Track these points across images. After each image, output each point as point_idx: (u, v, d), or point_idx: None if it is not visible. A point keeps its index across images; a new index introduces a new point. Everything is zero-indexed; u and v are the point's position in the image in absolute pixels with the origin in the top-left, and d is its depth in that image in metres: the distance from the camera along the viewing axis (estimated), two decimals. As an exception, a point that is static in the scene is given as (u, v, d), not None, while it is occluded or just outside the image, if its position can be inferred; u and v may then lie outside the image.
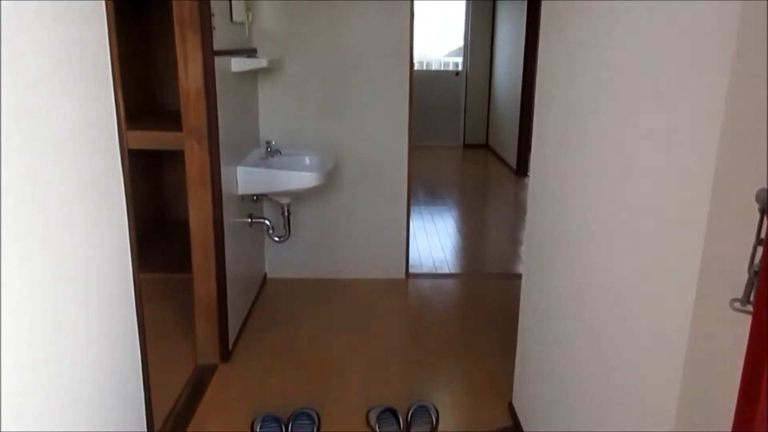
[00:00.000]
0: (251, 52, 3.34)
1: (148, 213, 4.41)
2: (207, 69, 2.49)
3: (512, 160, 7.28)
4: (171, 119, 2.98)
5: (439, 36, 8.86)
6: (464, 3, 8.50)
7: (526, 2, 6.63)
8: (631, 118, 1.40)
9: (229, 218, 2.85)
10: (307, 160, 3.38)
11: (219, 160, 2.63)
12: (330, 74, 3.59)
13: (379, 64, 3.58)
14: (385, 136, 3.68)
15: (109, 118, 1.57)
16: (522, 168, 6.98)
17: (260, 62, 2.95)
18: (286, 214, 3.38)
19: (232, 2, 2.91)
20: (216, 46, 2.61)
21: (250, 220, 3.29)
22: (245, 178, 3.00)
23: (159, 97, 4.34)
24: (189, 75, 2.47)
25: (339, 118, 3.65)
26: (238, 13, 3.06)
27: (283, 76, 3.57)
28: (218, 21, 2.68)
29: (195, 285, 2.72)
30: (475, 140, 8.82)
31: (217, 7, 2.65)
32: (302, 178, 3.03)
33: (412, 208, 3.98)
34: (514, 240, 4.99)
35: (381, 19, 3.53)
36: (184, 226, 2.71)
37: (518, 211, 5.89)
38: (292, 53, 3.54)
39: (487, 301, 3.71)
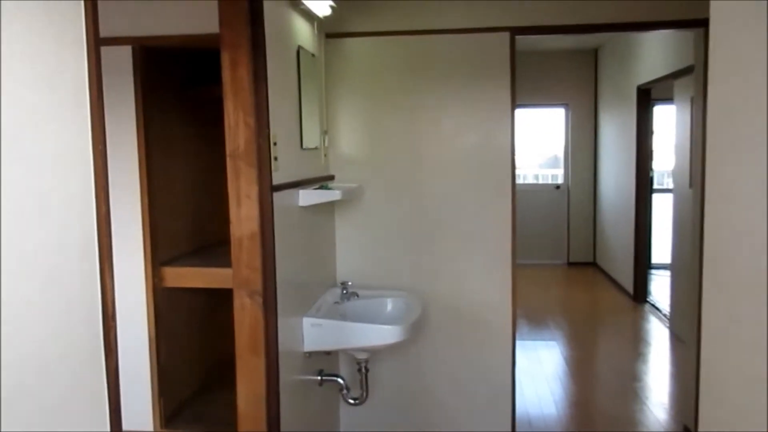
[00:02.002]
0: (326, 181, 2.91)
1: (207, 357, 3.94)
2: (263, 209, 2.03)
3: (626, 282, 6.37)
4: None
5: (532, 146, 8.35)
6: (562, 111, 8.01)
7: (635, 105, 6.01)
8: None
9: (292, 377, 2.29)
10: (389, 305, 2.81)
11: (276, 318, 2.11)
12: (417, 201, 3.08)
13: (476, 185, 3.04)
14: (483, 270, 3.07)
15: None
16: (640, 293, 6.06)
17: (333, 194, 2.49)
18: (363, 371, 2.77)
19: (303, 126, 2.52)
20: (279, 179, 2.17)
21: (320, 378, 2.71)
22: (312, 332, 2.46)
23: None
24: (242, 216, 2.02)
25: (427, 251, 3.09)
26: (311, 137, 2.65)
27: (363, 205, 3.11)
28: (284, 149, 2.26)
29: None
30: (581, 258, 7.98)
31: (282, 134, 2.24)
32: (382, 333, 2.44)
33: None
34: (633, 379, 4.07)
35: (477, 133, 3.03)
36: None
37: (637, 344, 4.96)
38: (374, 179, 3.09)
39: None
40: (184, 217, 3.43)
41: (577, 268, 7.87)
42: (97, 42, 1.06)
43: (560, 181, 8.16)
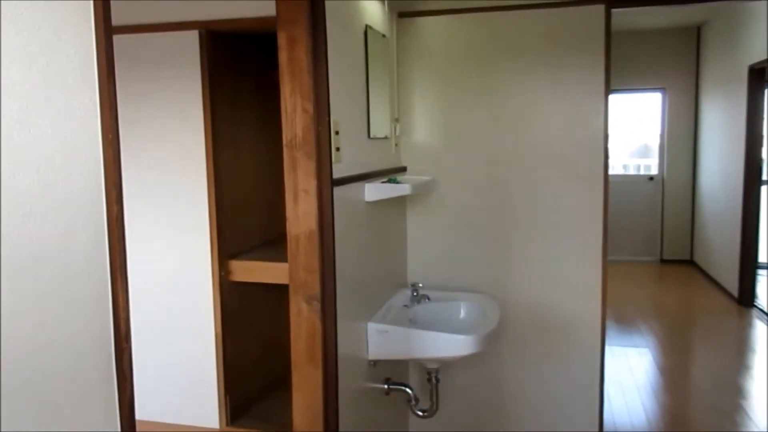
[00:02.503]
0: (397, 173, 2.68)
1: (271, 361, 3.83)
2: (323, 205, 1.83)
3: (730, 283, 5.79)
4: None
5: (620, 135, 7.76)
6: (658, 96, 7.38)
7: (745, 87, 5.39)
8: None
9: (354, 386, 2.11)
10: (463, 311, 2.56)
11: (335, 325, 1.92)
12: (496, 194, 2.80)
13: (563, 177, 2.73)
14: (570, 271, 2.76)
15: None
16: (746, 295, 5.48)
17: (401, 189, 2.25)
18: (433, 381, 2.54)
19: (371, 113, 2.30)
20: (341, 172, 1.97)
21: (386, 386, 2.50)
22: (378, 339, 2.25)
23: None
24: (299, 213, 1.83)
25: (507, 250, 2.81)
26: (380, 126, 2.44)
27: (437, 199, 2.86)
28: (348, 138, 2.06)
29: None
30: (676, 255, 7.36)
31: (347, 122, 2.03)
32: (454, 344, 2.19)
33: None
34: (738, 395, 3.62)
35: (565, 120, 2.71)
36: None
37: (742, 353, 4.45)
38: (450, 171, 2.83)
39: None
40: (253, 209, 3.31)
41: (672, 266, 7.27)
42: (106, 13, 0.89)
43: (654, 171, 7.55)
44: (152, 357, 3.02)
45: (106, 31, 0.88)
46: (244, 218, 3.19)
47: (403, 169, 2.83)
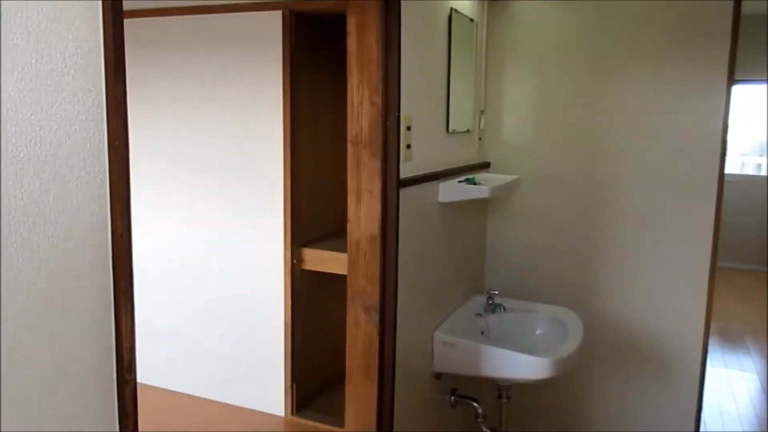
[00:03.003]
0: (479, 170, 2.47)
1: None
2: (387, 207, 1.67)
3: None
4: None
5: (740, 130, 7.01)
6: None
7: None
8: None
9: (415, 399, 1.96)
10: (541, 326, 2.33)
11: (394, 338, 1.76)
12: (590, 197, 2.53)
13: (670, 179, 2.41)
14: (669, 284, 2.45)
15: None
16: None
17: (478, 191, 2.04)
18: (504, 398, 2.34)
19: (451, 106, 2.10)
20: (411, 170, 1.80)
21: (452, 398, 2.33)
22: (444, 352, 2.08)
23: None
24: (361, 215, 1.68)
25: (594, 259, 2.54)
26: (461, 119, 2.23)
27: (521, 199, 2.62)
28: (422, 133, 1.88)
29: None
30: (795, 266, 6.62)
31: (422, 115, 1.85)
32: (528, 365, 1.98)
33: (704, 401, 2.60)
34: None
35: (676, 115, 2.38)
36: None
37: None
38: (539, 169, 2.59)
39: None
40: (329, 196, 3.21)
41: (789, 279, 6.55)
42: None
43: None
44: (222, 339, 3.01)
45: (116, 18, 0.75)
46: (319, 205, 3.09)
47: (486, 165, 2.61)
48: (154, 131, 2.93)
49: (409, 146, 1.77)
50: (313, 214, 3.04)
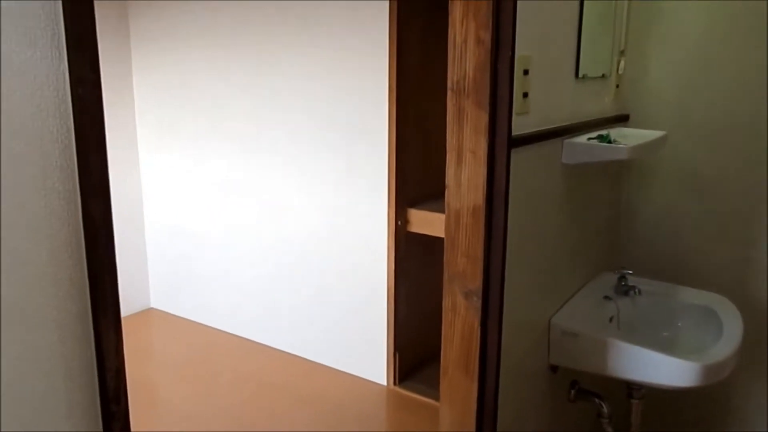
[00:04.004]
0: (615, 123, 2.05)
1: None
2: (495, 172, 1.35)
3: None
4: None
5: None
6: None
7: None
8: None
9: (525, 396, 1.68)
10: (684, 317, 1.91)
11: (500, 327, 1.46)
12: (754, 158, 2.03)
13: None
14: None
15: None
16: None
17: (614, 151, 1.64)
18: (635, 399, 1.97)
19: (582, 45, 1.70)
20: (529, 125, 1.46)
21: (572, 391, 2.01)
22: (562, 343, 1.75)
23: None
24: (462, 181, 1.38)
25: (759, 233, 2.05)
26: (596, 61, 1.82)
27: (670, 159, 2.17)
28: (544, 79, 1.52)
29: None
30: None
31: (544, 56, 1.49)
32: (669, 368, 1.60)
33: None
34: None
35: None
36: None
37: None
38: (695, 123, 2.11)
39: None
40: (439, 152, 2.91)
41: None
42: None
43: None
44: (326, 301, 2.90)
45: None
46: (429, 162, 2.80)
47: (625, 118, 2.17)
48: (269, 90, 2.83)
49: (525, 95, 1.42)
50: (421, 172, 2.76)
